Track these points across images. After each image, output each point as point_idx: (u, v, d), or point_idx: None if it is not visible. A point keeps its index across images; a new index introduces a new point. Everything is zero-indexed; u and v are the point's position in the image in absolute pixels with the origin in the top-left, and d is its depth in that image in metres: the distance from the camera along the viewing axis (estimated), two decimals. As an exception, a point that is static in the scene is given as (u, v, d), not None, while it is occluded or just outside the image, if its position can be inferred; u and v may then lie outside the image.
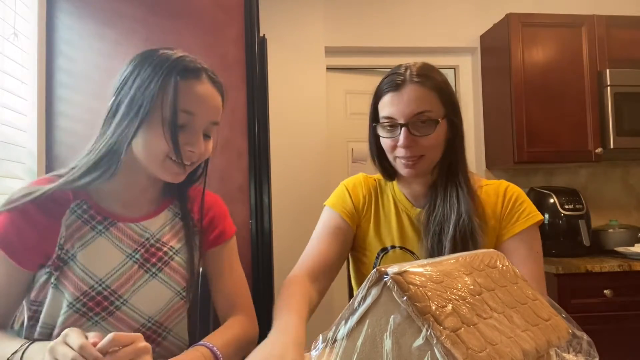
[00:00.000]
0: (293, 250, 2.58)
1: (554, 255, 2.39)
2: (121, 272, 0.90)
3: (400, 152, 1.03)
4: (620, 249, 2.33)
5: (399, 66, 1.06)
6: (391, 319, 0.49)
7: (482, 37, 2.89)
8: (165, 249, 0.96)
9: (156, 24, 1.57)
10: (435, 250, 1.05)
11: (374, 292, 0.50)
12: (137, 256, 0.92)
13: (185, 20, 1.59)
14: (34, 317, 0.88)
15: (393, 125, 1.03)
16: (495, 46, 2.73)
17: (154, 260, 0.94)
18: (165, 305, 0.93)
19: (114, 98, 0.90)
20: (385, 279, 0.49)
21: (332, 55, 2.86)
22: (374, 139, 1.11)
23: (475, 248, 1.01)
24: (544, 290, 1.06)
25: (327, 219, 1.15)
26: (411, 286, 0.49)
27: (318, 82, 2.81)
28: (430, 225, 1.06)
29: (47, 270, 0.87)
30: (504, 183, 1.14)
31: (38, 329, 0.87)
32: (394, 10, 2.89)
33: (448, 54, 2.97)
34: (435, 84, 1.03)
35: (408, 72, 1.03)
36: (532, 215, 1.08)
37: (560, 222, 2.41)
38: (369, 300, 0.50)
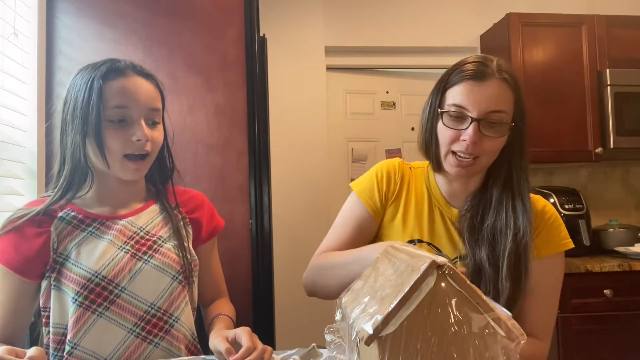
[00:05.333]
0: (293, 250, 2.59)
1: (554, 255, 2.38)
2: (114, 263, 0.96)
3: (460, 146, 0.96)
4: (620, 249, 2.33)
5: (478, 55, 0.99)
6: (453, 303, 0.54)
7: (482, 37, 2.89)
8: (154, 238, 1.02)
9: (156, 24, 1.57)
10: (487, 262, 0.97)
11: (430, 280, 0.54)
12: (127, 247, 0.99)
13: (185, 20, 1.59)
14: (47, 323, 0.96)
15: (461, 116, 0.96)
16: (496, 46, 2.72)
17: (144, 249, 1.00)
18: (164, 290, 0.98)
19: (61, 116, 0.99)
20: (442, 269, 0.54)
21: (332, 55, 2.86)
22: (431, 126, 1.03)
23: (527, 267, 0.97)
24: (554, 318, 1.04)
25: (352, 206, 1.12)
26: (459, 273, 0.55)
27: (318, 82, 2.81)
28: (479, 233, 1.00)
29: (47, 275, 0.95)
30: (541, 200, 1.07)
31: (51, 329, 0.94)
32: (394, 10, 2.89)
33: (448, 54, 2.96)
34: (517, 85, 0.98)
35: (494, 64, 0.96)
36: (565, 242, 1.04)
37: (560, 222, 2.40)
38: (425, 288, 0.53)
